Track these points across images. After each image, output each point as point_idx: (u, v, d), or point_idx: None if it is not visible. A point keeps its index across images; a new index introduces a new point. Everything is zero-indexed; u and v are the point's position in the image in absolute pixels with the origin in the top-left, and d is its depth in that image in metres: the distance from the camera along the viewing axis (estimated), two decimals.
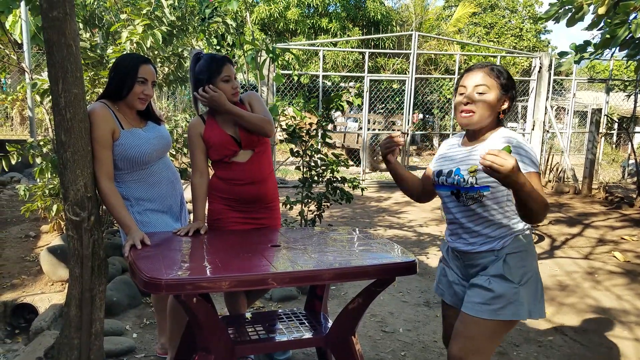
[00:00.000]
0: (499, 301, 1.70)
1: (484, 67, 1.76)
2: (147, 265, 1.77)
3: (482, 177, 1.68)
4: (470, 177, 1.71)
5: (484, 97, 1.72)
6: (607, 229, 6.00)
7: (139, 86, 2.19)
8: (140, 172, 2.28)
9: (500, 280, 1.71)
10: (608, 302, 3.70)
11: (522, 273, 1.72)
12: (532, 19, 20.26)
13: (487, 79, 1.73)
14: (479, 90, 1.73)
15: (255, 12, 15.13)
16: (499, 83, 1.74)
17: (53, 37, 1.85)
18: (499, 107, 1.76)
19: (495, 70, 1.75)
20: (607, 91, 9.83)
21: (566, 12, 4.84)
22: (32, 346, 2.59)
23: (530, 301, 1.73)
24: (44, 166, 3.64)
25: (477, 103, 1.72)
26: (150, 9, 3.61)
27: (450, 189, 1.80)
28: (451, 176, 1.79)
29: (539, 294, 1.77)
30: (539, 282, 1.79)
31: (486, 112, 1.73)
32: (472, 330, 1.73)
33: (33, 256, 3.84)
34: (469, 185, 1.72)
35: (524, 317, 1.71)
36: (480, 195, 1.72)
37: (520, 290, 1.71)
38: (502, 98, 1.75)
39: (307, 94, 11.65)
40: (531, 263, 1.76)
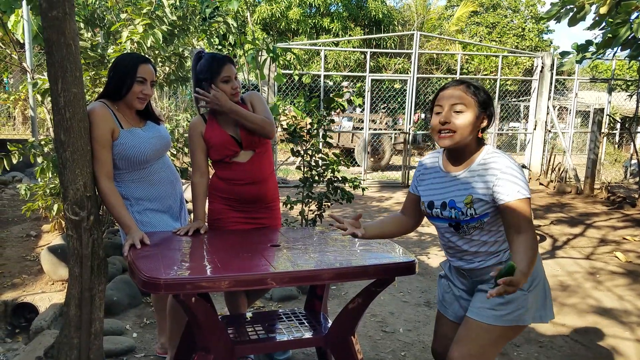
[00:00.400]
0: (507, 307, 1.68)
1: (460, 85, 1.69)
2: (147, 264, 1.77)
3: (479, 205, 1.67)
4: (468, 209, 1.69)
5: (463, 116, 1.66)
6: (609, 229, 5.99)
7: (138, 86, 2.19)
8: (140, 172, 2.28)
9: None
10: (609, 303, 3.68)
11: (531, 279, 1.70)
12: (534, 19, 20.22)
13: (464, 97, 1.66)
14: (456, 109, 1.66)
15: (257, 11, 15.14)
16: (477, 100, 1.68)
17: (52, 36, 1.85)
18: (478, 124, 1.69)
19: (472, 87, 1.69)
20: (609, 91, 9.81)
21: (568, 12, 4.82)
22: (32, 345, 2.59)
23: (538, 307, 1.74)
24: (45, 166, 3.64)
25: (455, 123, 1.65)
26: (151, 9, 3.60)
27: (448, 221, 1.76)
28: (447, 209, 1.74)
29: (547, 298, 1.77)
30: (546, 286, 1.78)
31: (466, 130, 1.66)
32: (477, 335, 1.70)
33: (34, 255, 3.84)
34: (469, 217, 1.69)
35: (528, 322, 1.71)
36: (481, 222, 1.70)
37: (529, 297, 1.70)
38: (480, 115, 1.69)
39: (309, 94, 11.64)
40: (537, 268, 1.73)
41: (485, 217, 1.69)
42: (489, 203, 1.66)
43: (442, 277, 1.99)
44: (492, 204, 1.66)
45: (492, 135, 11.02)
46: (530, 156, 9.60)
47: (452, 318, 1.92)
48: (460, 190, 1.72)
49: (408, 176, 9.13)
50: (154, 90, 2.28)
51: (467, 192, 1.69)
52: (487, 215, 1.68)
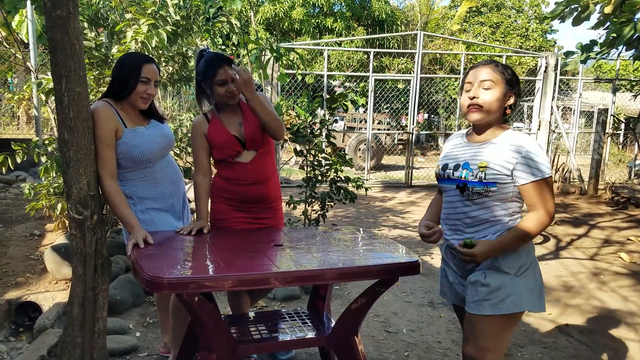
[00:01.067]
0: (498, 294, 1.70)
1: (489, 64, 1.78)
2: (150, 264, 1.77)
3: (491, 173, 1.71)
4: (479, 172, 1.73)
5: (491, 92, 1.74)
6: (613, 230, 5.96)
7: (142, 85, 2.19)
8: (143, 171, 2.28)
9: (495, 272, 1.73)
10: (614, 304, 3.67)
11: (519, 265, 1.73)
12: (538, 19, 20.17)
13: (493, 75, 1.74)
14: (485, 86, 1.74)
15: (260, 11, 15.15)
16: (504, 78, 1.75)
17: (56, 36, 1.85)
18: (505, 102, 1.77)
19: (500, 66, 1.77)
20: (613, 91, 9.78)
21: (572, 11, 4.81)
22: (36, 344, 2.60)
23: (530, 293, 1.73)
24: (49, 165, 3.65)
25: (484, 98, 1.74)
26: (155, 9, 3.61)
27: (456, 182, 1.80)
28: (458, 170, 1.79)
29: (537, 287, 1.77)
30: (537, 276, 1.78)
31: (493, 106, 1.74)
32: (479, 329, 1.74)
33: (37, 255, 3.85)
34: (477, 180, 1.73)
35: (525, 308, 1.71)
36: (487, 190, 1.72)
37: (518, 281, 1.71)
38: (507, 93, 1.76)
39: (312, 94, 11.64)
40: (528, 254, 1.76)
41: (493, 185, 1.71)
42: (502, 175, 1.70)
43: (442, 262, 2.02)
44: (505, 176, 1.70)
45: None
46: None
47: (454, 302, 1.97)
48: (478, 155, 1.77)
49: (411, 176, 9.11)
50: (158, 89, 2.27)
51: (484, 158, 1.74)
52: (495, 184, 1.71)
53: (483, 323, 1.73)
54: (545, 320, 3.35)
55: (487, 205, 1.75)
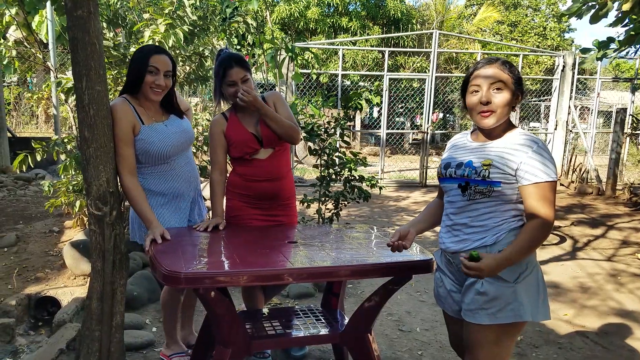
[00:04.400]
0: (496, 303, 1.59)
1: (495, 62, 1.66)
2: (167, 259, 1.80)
3: (495, 172, 1.61)
4: (483, 170, 1.62)
5: (502, 95, 1.63)
6: (631, 231, 5.87)
7: (150, 76, 2.16)
8: (161, 166, 2.29)
9: (492, 280, 1.60)
10: (631, 305, 3.62)
11: (520, 271, 1.61)
12: (556, 17, 19.91)
13: (502, 75, 1.63)
14: (495, 88, 1.63)
15: (275, 11, 15.20)
16: (513, 78, 1.65)
17: (77, 35, 1.89)
18: (513, 102, 1.67)
19: (507, 65, 1.66)
20: (632, 90, 9.61)
21: (589, 9, 4.74)
22: (55, 338, 2.66)
23: (532, 301, 1.61)
24: (67, 163, 3.72)
25: (496, 101, 1.63)
26: (172, 9, 3.66)
27: (458, 181, 1.69)
28: (461, 168, 1.69)
29: (540, 294, 1.64)
30: (539, 282, 1.65)
31: (505, 109, 1.65)
32: (480, 339, 1.64)
33: (56, 251, 3.93)
34: (480, 178, 1.63)
35: (527, 318, 1.58)
36: (490, 190, 1.62)
37: (518, 289, 1.59)
38: (516, 93, 1.67)
39: (326, 93, 11.65)
40: (528, 260, 1.62)
41: (496, 185, 1.60)
42: (506, 174, 1.60)
43: (437, 270, 1.90)
44: (510, 176, 1.60)
45: None
46: None
47: (450, 313, 1.86)
48: (482, 153, 1.68)
49: (426, 176, 9.07)
50: (171, 81, 2.26)
51: (488, 157, 1.65)
52: (499, 184, 1.60)
53: (480, 332, 1.63)
54: (561, 321, 3.32)
55: (489, 207, 1.64)
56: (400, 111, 15.21)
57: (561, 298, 3.73)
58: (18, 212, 4.91)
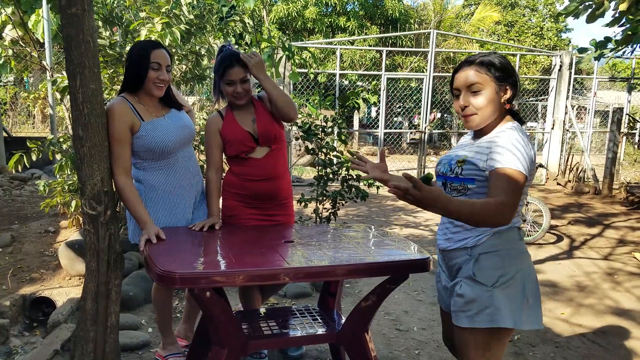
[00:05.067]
0: (473, 306, 1.55)
1: (472, 65, 1.61)
2: (162, 259, 1.79)
3: (468, 168, 1.59)
4: (456, 167, 1.61)
5: (481, 96, 1.59)
6: (627, 230, 5.88)
7: (154, 72, 2.16)
8: (163, 162, 2.27)
9: (470, 282, 1.58)
10: (628, 304, 3.62)
11: (499, 275, 1.55)
12: (553, 17, 19.95)
13: (479, 76, 1.59)
14: (473, 90, 1.60)
15: (273, 10, 15.19)
16: (491, 76, 1.59)
17: (71, 33, 1.88)
18: (499, 99, 1.61)
19: (485, 64, 1.60)
20: (629, 90, 9.63)
21: (586, 8, 4.75)
22: (50, 339, 2.64)
23: (514, 308, 1.54)
24: (63, 162, 3.70)
25: (475, 104, 1.60)
26: (168, 8, 3.64)
27: (440, 179, 1.70)
28: (444, 165, 1.70)
29: (525, 300, 1.56)
30: (526, 289, 1.57)
31: (487, 109, 1.60)
32: (466, 341, 1.62)
33: (52, 251, 3.91)
34: (454, 175, 1.62)
35: (505, 324, 1.53)
36: (465, 187, 1.60)
37: (495, 294, 1.54)
38: (500, 89, 1.60)
39: (324, 92, 11.65)
40: (512, 263, 1.57)
41: (470, 182, 1.58)
42: (479, 170, 1.57)
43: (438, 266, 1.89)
44: (481, 172, 1.56)
45: None
46: (547, 156, 9.47)
47: (444, 308, 1.84)
48: (465, 151, 1.66)
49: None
50: (170, 75, 2.26)
51: (465, 154, 1.64)
52: (472, 182, 1.58)
53: (464, 335, 1.61)
54: (558, 319, 3.32)
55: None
56: (398, 111, 15.22)
57: (558, 297, 3.73)
58: (13, 212, 4.88)
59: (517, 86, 1.64)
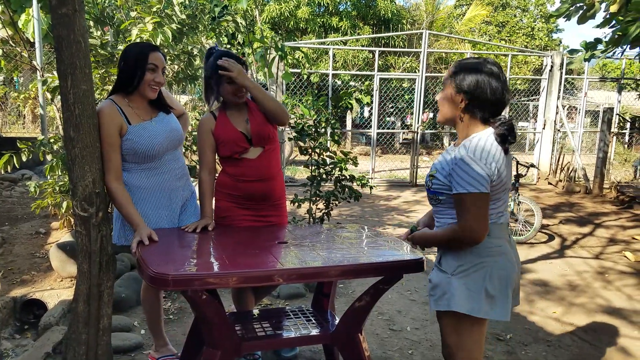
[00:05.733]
0: (437, 291, 1.71)
1: (450, 67, 1.74)
2: (155, 260, 1.78)
3: (436, 182, 1.71)
4: (429, 181, 1.75)
5: (441, 94, 1.75)
6: (618, 229, 5.93)
7: (150, 74, 2.16)
8: (149, 164, 2.26)
9: (437, 270, 1.75)
10: (619, 302, 3.65)
11: (457, 265, 1.66)
12: (544, 18, 20.09)
13: (446, 78, 1.73)
14: (441, 88, 1.77)
15: (265, 10, 15.16)
16: (453, 81, 1.68)
17: (62, 33, 1.86)
18: (455, 104, 1.69)
19: (453, 68, 1.71)
20: (619, 90, 9.72)
21: (577, 10, 4.79)
22: (41, 341, 2.62)
23: (470, 296, 1.63)
24: (54, 163, 3.67)
25: (437, 98, 1.78)
26: (160, 7, 3.62)
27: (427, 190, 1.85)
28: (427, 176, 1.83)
29: (484, 291, 1.63)
30: (484, 279, 1.63)
31: (443, 107, 1.74)
32: (440, 324, 1.77)
33: (43, 252, 3.87)
34: (428, 188, 1.77)
35: (460, 309, 1.62)
36: (437, 199, 1.73)
37: (453, 281, 1.65)
38: (456, 95, 1.68)
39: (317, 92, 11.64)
40: (472, 258, 1.65)
41: (440, 195, 1.70)
42: (444, 185, 1.67)
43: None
44: (445, 186, 1.67)
45: None
46: (539, 155, 9.54)
47: None
48: (441, 163, 1.74)
49: (416, 175, 9.10)
50: (164, 78, 2.26)
51: (435, 167, 1.75)
52: (442, 194, 1.69)
53: (439, 318, 1.76)
54: (550, 318, 3.34)
55: (444, 213, 1.73)
56: (390, 111, 15.25)
57: (550, 296, 3.76)
58: (4, 213, 4.84)
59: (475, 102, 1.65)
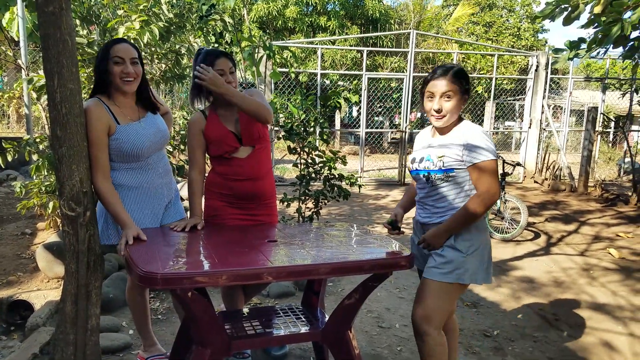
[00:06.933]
0: (447, 266, 2.00)
1: (446, 75, 2.00)
2: (143, 259, 1.77)
3: (448, 160, 2.01)
4: (438, 161, 2.03)
5: (451, 102, 2.00)
6: (602, 226, 6.03)
7: (116, 66, 2.12)
8: (134, 164, 2.25)
9: (450, 249, 2.02)
10: (603, 298, 3.71)
11: (469, 245, 2.02)
12: (530, 18, 20.30)
13: (451, 86, 1.99)
14: (446, 97, 2.00)
15: (253, 9, 15.12)
16: (459, 88, 2.01)
17: (49, 32, 1.85)
18: (461, 106, 2.05)
19: (458, 76, 2.00)
20: (603, 89, 9.86)
21: (562, 11, 4.85)
22: (28, 342, 2.59)
23: (476, 270, 2.02)
24: (40, 163, 3.63)
25: (446, 107, 2.01)
26: (147, 5, 3.60)
27: (422, 172, 2.09)
28: (423, 162, 2.10)
29: (485, 263, 2.05)
30: (485, 253, 2.06)
31: (453, 114, 2.03)
32: (429, 292, 2.02)
33: (29, 253, 3.83)
34: (437, 168, 2.03)
35: (466, 282, 2.00)
36: (447, 176, 2.03)
37: (468, 259, 2.00)
38: (462, 99, 2.04)
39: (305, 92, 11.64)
40: (478, 236, 2.04)
41: (451, 171, 2.01)
42: (457, 160, 2.00)
43: (413, 234, 2.31)
44: (460, 161, 2.00)
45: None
46: (525, 154, 9.65)
47: (419, 267, 2.25)
48: (438, 149, 2.07)
49: (404, 174, 9.15)
50: (140, 68, 2.20)
51: (441, 151, 2.04)
52: (452, 170, 2.01)
53: (432, 287, 2.01)
54: (536, 314, 3.39)
55: (448, 190, 2.05)
56: (379, 110, 15.31)
57: (536, 292, 3.81)
58: None
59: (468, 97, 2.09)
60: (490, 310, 3.44)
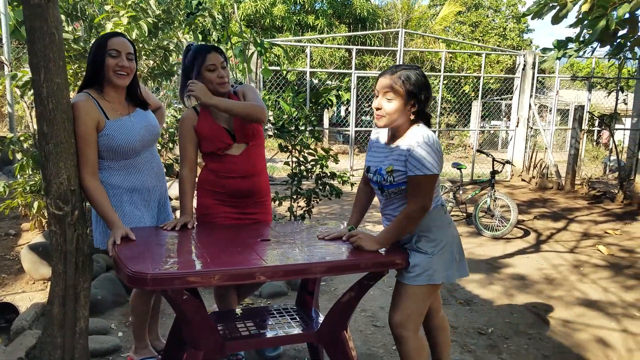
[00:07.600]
0: (416, 269, 1.94)
1: (393, 75, 1.87)
2: (132, 259, 1.72)
3: (397, 175, 1.91)
4: (389, 176, 1.93)
5: (392, 104, 1.87)
6: (590, 224, 6.08)
7: (112, 60, 2.07)
8: (126, 162, 2.19)
9: (415, 252, 1.96)
10: (595, 295, 3.73)
11: (433, 245, 1.96)
12: (515, 18, 20.49)
13: (394, 87, 1.86)
14: (387, 97, 1.88)
15: (241, 8, 15.01)
16: (405, 90, 1.85)
17: (35, 25, 1.79)
18: (407, 110, 1.89)
19: (403, 77, 1.86)
20: (589, 89, 9.96)
21: (550, 9, 4.88)
22: (13, 346, 2.52)
23: (446, 267, 1.97)
24: (24, 162, 3.54)
25: (386, 108, 1.89)
26: (135, 1, 3.53)
27: (376, 185, 2.03)
28: (376, 174, 2.00)
29: (454, 260, 2.00)
30: (453, 249, 2.00)
31: (394, 116, 1.89)
32: (404, 296, 1.98)
33: (13, 255, 3.74)
34: (389, 183, 1.94)
35: (438, 281, 1.95)
36: (400, 189, 1.94)
37: (435, 259, 1.94)
38: (408, 103, 1.88)
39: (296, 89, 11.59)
40: (441, 234, 1.98)
41: (403, 185, 1.92)
42: (405, 174, 1.89)
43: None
44: (406, 174, 1.89)
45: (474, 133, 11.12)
46: (512, 153, 9.71)
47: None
48: (387, 160, 1.97)
49: None
50: (134, 64, 2.16)
51: (389, 163, 1.95)
52: (404, 184, 1.92)
53: (404, 291, 1.98)
54: (530, 312, 3.39)
55: (403, 200, 1.97)
56: (367, 110, 15.30)
57: (528, 290, 3.81)
58: None
59: (428, 100, 1.93)
60: (483, 308, 3.43)
